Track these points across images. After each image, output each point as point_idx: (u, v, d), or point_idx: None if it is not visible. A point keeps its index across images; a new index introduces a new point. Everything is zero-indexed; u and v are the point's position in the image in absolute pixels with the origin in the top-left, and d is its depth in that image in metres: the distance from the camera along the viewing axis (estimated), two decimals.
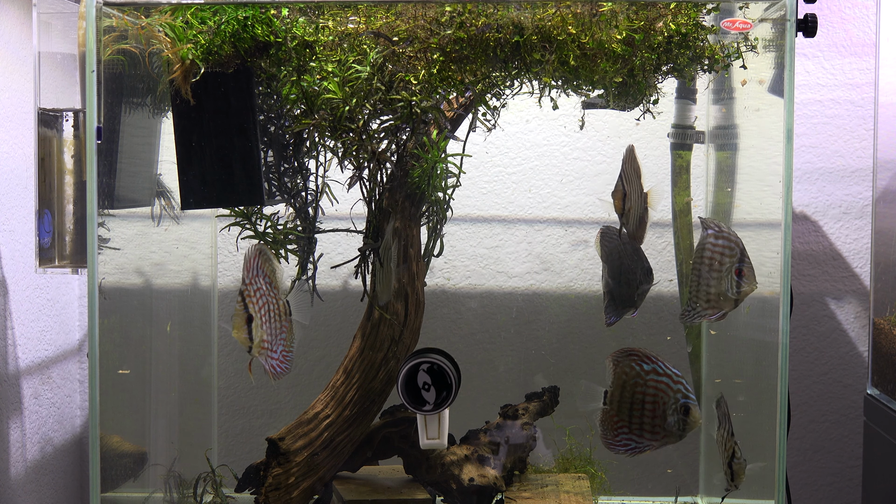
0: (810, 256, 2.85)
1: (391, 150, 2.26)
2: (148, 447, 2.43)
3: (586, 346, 2.82)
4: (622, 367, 2.16)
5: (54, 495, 2.75)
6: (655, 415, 2.14)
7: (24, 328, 2.60)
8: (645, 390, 2.14)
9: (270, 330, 2.14)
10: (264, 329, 2.12)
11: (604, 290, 2.32)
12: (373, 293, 2.29)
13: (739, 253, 2.15)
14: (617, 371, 2.16)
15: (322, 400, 2.32)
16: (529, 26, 2.05)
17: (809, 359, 2.87)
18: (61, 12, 2.24)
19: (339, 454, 2.31)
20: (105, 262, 2.11)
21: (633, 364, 2.15)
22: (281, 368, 2.17)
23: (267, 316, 2.13)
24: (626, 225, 2.26)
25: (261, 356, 2.13)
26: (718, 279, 2.16)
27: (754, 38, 2.16)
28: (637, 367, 2.14)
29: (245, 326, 2.10)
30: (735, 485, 2.21)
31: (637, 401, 2.15)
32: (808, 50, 2.79)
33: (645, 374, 2.14)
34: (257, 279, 2.13)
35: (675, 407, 2.12)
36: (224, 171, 2.20)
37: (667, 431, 2.14)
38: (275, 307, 2.16)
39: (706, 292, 2.17)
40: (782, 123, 2.00)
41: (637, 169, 2.27)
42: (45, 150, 2.23)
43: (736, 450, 2.18)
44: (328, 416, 2.29)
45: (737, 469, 2.18)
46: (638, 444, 2.17)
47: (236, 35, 2.09)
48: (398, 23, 2.10)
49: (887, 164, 2.47)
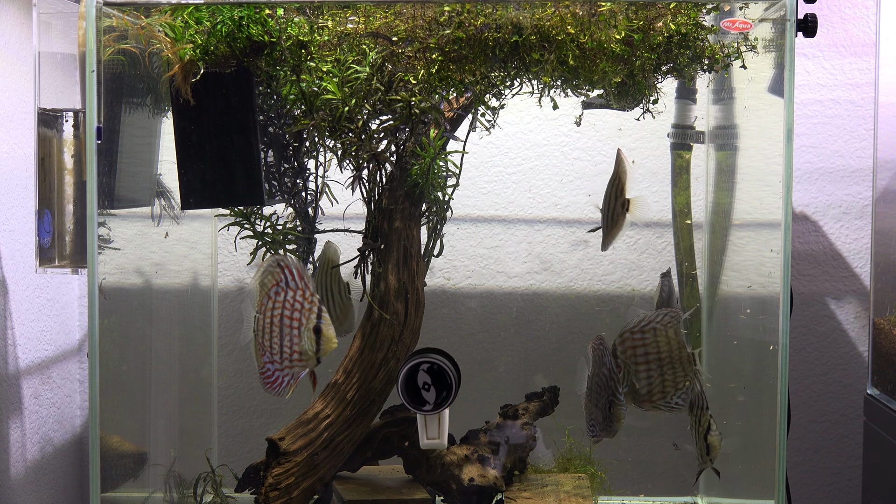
0: (810, 256, 2.85)
1: (390, 150, 2.26)
2: (148, 447, 2.43)
3: (586, 346, 2.82)
4: (597, 354, 2.26)
5: (54, 495, 2.75)
6: (599, 407, 2.24)
7: (24, 328, 2.60)
8: (598, 382, 2.24)
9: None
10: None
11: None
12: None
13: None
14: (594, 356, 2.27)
15: (322, 400, 2.32)
16: (528, 26, 2.05)
17: (809, 359, 2.87)
18: (61, 12, 2.24)
19: (339, 454, 2.31)
20: (105, 262, 2.11)
21: (599, 356, 2.25)
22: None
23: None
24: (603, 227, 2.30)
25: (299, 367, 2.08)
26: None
27: (754, 38, 2.16)
28: (598, 358, 2.25)
29: (314, 336, 2.05)
30: (711, 459, 2.22)
31: (594, 391, 2.26)
32: (808, 50, 2.79)
33: (600, 367, 2.24)
34: (307, 287, 2.06)
35: (605, 404, 2.22)
36: (224, 171, 2.20)
37: (602, 424, 2.25)
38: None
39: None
40: (782, 123, 2.00)
41: (622, 174, 2.28)
42: (45, 150, 2.23)
43: (711, 423, 2.19)
44: (328, 416, 2.29)
45: (712, 442, 2.18)
46: (593, 432, 2.29)
47: (231, 35, 2.09)
48: (397, 23, 2.10)
49: (887, 164, 2.47)
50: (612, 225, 2.29)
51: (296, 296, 2.03)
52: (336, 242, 2.74)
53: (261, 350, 2.06)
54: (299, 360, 2.04)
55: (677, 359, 2.22)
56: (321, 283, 2.33)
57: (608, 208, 2.28)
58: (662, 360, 2.22)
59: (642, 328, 2.23)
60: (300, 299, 2.03)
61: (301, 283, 2.03)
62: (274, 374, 2.06)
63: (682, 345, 2.23)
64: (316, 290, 2.26)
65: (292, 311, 2.04)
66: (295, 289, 2.03)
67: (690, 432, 2.29)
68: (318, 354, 2.03)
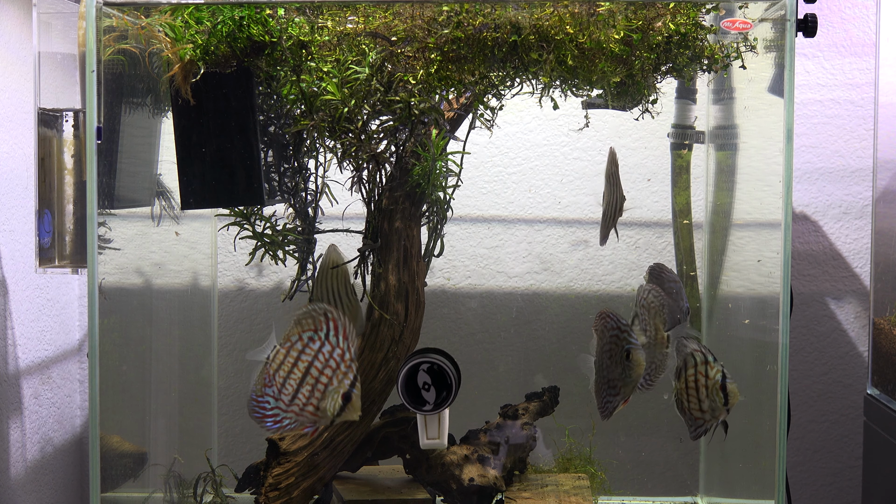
0: (810, 256, 2.85)
1: (390, 150, 2.26)
2: (148, 447, 2.43)
3: (586, 346, 2.82)
4: (600, 329, 2.23)
5: (54, 495, 2.75)
6: (614, 366, 2.18)
7: (24, 328, 2.60)
8: (610, 347, 2.19)
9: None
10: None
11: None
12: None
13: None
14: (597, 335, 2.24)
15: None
16: (527, 26, 2.05)
17: (809, 359, 2.87)
18: (61, 12, 2.24)
19: (339, 454, 2.31)
20: (105, 262, 2.11)
21: (604, 325, 2.21)
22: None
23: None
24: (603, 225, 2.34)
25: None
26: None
27: (753, 37, 2.16)
28: (603, 328, 2.21)
29: (341, 402, 1.98)
30: (728, 408, 2.18)
31: (605, 363, 2.21)
32: (808, 50, 2.79)
33: (608, 332, 2.19)
34: (348, 350, 1.98)
35: (622, 355, 2.16)
36: (224, 171, 2.20)
37: (621, 381, 2.19)
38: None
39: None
40: (782, 123, 2.00)
41: (613, 172, 2.32)
42: (45, 150, 2.23)
43: (725, 371, 2.17)
44: None
45: (731, 390, 2.15)
46: (612, 401, 2.21)
47: (232, 35, 2.09)
48: (396, 22, 2.10)
49: (887, 164, 2.47)
50: (610, 221, 2.32)
51: (333, 353, 1.96)
52: (336, 243, 2.75)
53: (267, 380, 1.99)
54: (312, 415, 1.98)
55: (653, 342, 2.23)
56: (327, 288, 2.32)
57: (606, 206, 2.31)
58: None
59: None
60: (337, 358, 1.96)
61: (343, 344, 1.96)
62: (273, 409, 1.98)
63: (659, 328, 2.24)
64: (325, 297, 2.28)
65: (324, 366, 1.97)
66: (334, 346, 1.96)
67: (677, 399, 2.24)
68: (336, 418, 1.98)
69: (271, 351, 1.98)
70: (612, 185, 2.34)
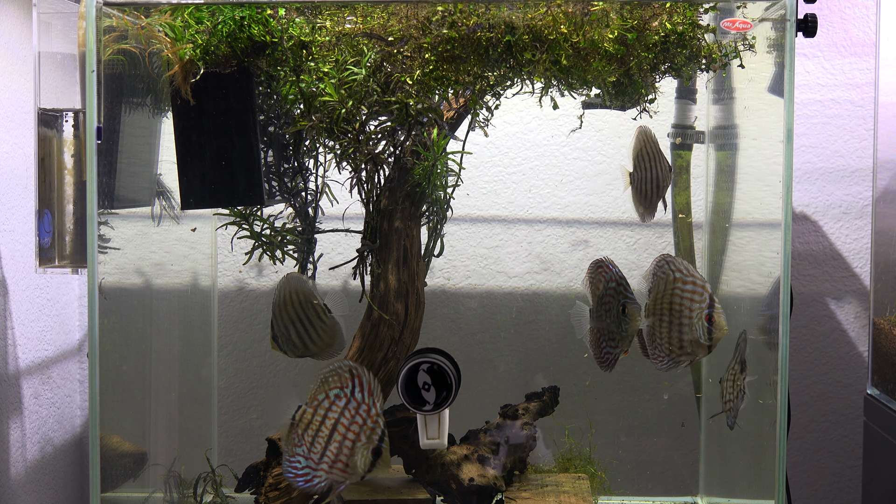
0: (810, 256, 2.85)
1: (388, 151, 2.26)
2: (148, 447, 2.43)
3: (586, 345, 2.82)
4: (595, 278, 2.24)
5: (54, 495, 2.75)
6: (610, 319, 2.20)
7: (24, 328, 2.60)
8: (608, 300, 2.21)
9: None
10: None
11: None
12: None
13: (709, 299, 2.11)
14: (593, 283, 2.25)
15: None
16: (521, 26, 2.04)
17: (809, 359, 2.87)
18: (61, 12, 2.24)
19: None
20: (105, 262, 2.11)
21: (601, 276, 2.22)
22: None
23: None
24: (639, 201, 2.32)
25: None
26: (689, 326, 2.14)
27: (752, 37, 2.16)
28: (599, 279, 2.23)
29: (371, 458, 2.01)
30: (712, 345, 2.13)
31: (602, 312, 2.23)
32: (808, 50, 2.79)
33: (605, 283, 2.22)
34: (374, 406, 2.02)
35: (618, 310, 2.18)
36: (224, 171, 2.20)
37: (618, 334, 2.19)
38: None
39: (678, 339, 2.15)
40: (782, 123, 2.00)
41: (643, 150, 2.28)
42: (45, 150, 2.23)
43: (714, 298, 2.13)
44: None
45: (717, 321, 2.09)
46: (611, 352, 2.22)
47: (232, 35, 2.09)
48: (392, 22, 2.09)
49: (887, 164, 2.47)
50: (652, 197, 2.30)
51: (359, 409, 2.00)
52: (336, 243, 2.74)
53: (296, 440, 2.02)
54: (342, 471, 2.01)
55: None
56: (289, 318, 2.22)
57: (639, 181, 2.29)
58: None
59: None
60: (363, 415, 2.00)
61: (369, 400, 2.00)
62: (304, 468, 2.01)
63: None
64: (290, 328, 2.20)
65: (351, 422, 2.00)
66: (360, 402, 2.00)
67: (649, 329, 2.22)
68: (367, 473, 2.01)
69: (297, 411, 2.01)
70: (642, 163, 2.29)
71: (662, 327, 2.15)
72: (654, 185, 2.29)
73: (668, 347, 2.15)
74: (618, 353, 2.22)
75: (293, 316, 2.21)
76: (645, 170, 2.28)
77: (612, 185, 2.80)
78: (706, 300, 2.09)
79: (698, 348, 2.13)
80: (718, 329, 2.09)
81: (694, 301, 2.11)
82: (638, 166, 2.28)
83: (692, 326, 2.11)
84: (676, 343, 2.14)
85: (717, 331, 2.09)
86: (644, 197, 2.31)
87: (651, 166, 2.28)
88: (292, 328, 2.21)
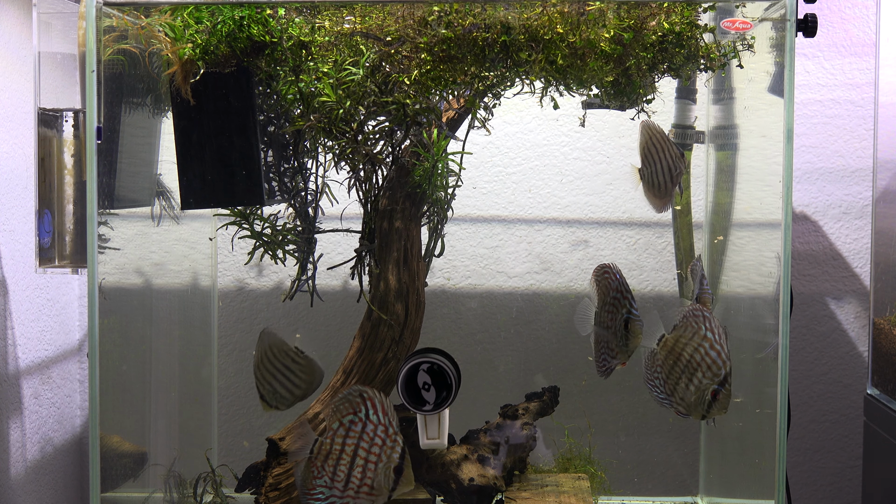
0: (810, 256, 2.85)
1: (386, 151, 2.26)
2: (148, 447, 2.43)
3: (586, 345, 2.82)
4: (602, 283, 2.24)
5: (54, 495, 2.75)
6: (613, 328, 2.19)
7: (24, 328, 2.60)
8: (611, 309, 2.20)
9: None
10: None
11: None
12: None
13: (724, 376, 2.09)
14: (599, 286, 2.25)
15: (322, 400, 2.32)
16: (517, 26, 2.04)
17: (809, 359, 2.87)
18: (61, 12, 2.24)
19: None
20: (105, 262, 2.11)
21: (607, 283, 2.22)
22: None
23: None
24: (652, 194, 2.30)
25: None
26: (696, 390, 2.13)
27: (751, 37, 2.16)
28: (605, 285, 2.23)
29: (394, 476, 2.01)
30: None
31: (605, 319, 2.23)
32: (808, 50, 2.79)
33: (610, 291, 2.21)
34: (391, 425, 2.01)
35: (621, 323, 2.17)
36: (224, 171, 2.20)
37: (618, 347, 2.19)
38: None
39: (681, 397, 2.15)
40: (782, 123, 2.00)
41: (650, 143, 2.27)
42: (45, 150, 2.23)
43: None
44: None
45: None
46: (609, 362, 2.23)
47: (232, 35, 2.09)
48: (388, 22, 2.09)
49: (887, 164, 2.47)
50: (664, 187, 2.28)
51: (377, 430, 2.00)
52: (336, 243, 2.75)
53: (316, 472, 2.01)
54: (368, 494, 2.00)
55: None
56: (269, 373, 2.26)
57: (646, 177, 2.28)
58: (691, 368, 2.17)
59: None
60: (381, 435, 2.00)
61: (384, 420, 2.00)
62: (329, 499, 2.00)
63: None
64: (274, 378, 2.23)
65: (371, 444, 2.00)
66: (377, 423, 2.00)
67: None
68: (392, 492, 2.01)
69: (314, 444, 2.01)
70: (651, 156, 2.29)
71: (679, 380, 2.15)
72: (666, 175, 2.28)
73: (672, 395, 2.16)
74: (615, 363, 2.22)
75: (272, 370, 2.25)
76: (654, 162, 2.27)
77: (612, 184, 2.80)
78: (721, 376, 2.08)
79: (695, 414, 2.14)
80: (721, 409, 2.10)
81: (711, 370, 2.09)
82: (646, 160, 2.27)
83: (700, 391, 2.11)
84: (680, 399, 2.15)
85: (719, 410, 2.10)
86: (658, 188, 2.29)
87: (660, 157, 2.27)
88: (275, 381, 2.25)
